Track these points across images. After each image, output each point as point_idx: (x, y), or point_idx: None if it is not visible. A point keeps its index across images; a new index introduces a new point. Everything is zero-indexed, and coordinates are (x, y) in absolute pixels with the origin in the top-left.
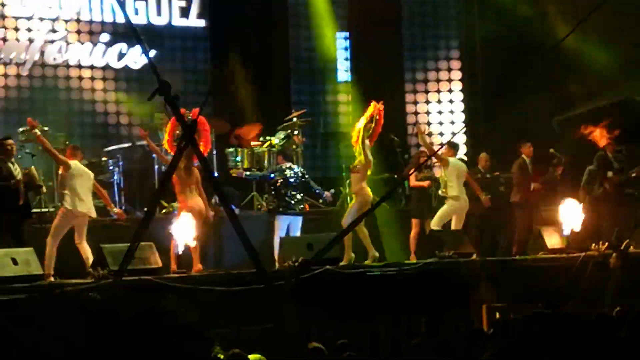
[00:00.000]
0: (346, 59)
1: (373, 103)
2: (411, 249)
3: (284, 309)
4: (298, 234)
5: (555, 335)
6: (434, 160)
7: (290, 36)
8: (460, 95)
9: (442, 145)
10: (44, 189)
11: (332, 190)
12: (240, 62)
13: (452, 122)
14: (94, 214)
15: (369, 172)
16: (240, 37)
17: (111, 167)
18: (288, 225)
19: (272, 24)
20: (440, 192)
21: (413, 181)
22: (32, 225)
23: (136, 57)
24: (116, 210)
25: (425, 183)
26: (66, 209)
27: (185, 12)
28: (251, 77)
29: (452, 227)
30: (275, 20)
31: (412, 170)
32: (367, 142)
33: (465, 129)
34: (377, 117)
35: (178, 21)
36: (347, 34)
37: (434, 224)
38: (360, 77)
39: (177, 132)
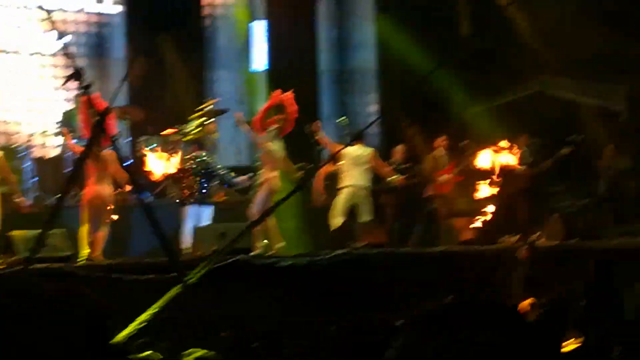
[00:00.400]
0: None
1: (275, 93)
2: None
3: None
4: (207, 224)
5: (464, 325)
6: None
7: (207, 24)
8: (375, 87)
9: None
10: None
11: (249, 174)
12: (155, 49)
13: (367, 115)
14: None
15: (280, 162)
16: (156, 24)
17: (23, 154)
18: (197, 215)
19: (190, 11)
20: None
21: (318, 180)
22: None
23: (49, 43)
24: (17, 199)
25: (320, 198)
26: None
27: None
28: (167, 64)
29: (363, 218)
30: (192, 8)
31: (324, 163)
32: (272, 133)
33: (379, 120)
34: (286, 107)
35: (93, 7)
36: (266, 22)
37: (333, 218)
38: (276, 67)
39: (90, 118)
